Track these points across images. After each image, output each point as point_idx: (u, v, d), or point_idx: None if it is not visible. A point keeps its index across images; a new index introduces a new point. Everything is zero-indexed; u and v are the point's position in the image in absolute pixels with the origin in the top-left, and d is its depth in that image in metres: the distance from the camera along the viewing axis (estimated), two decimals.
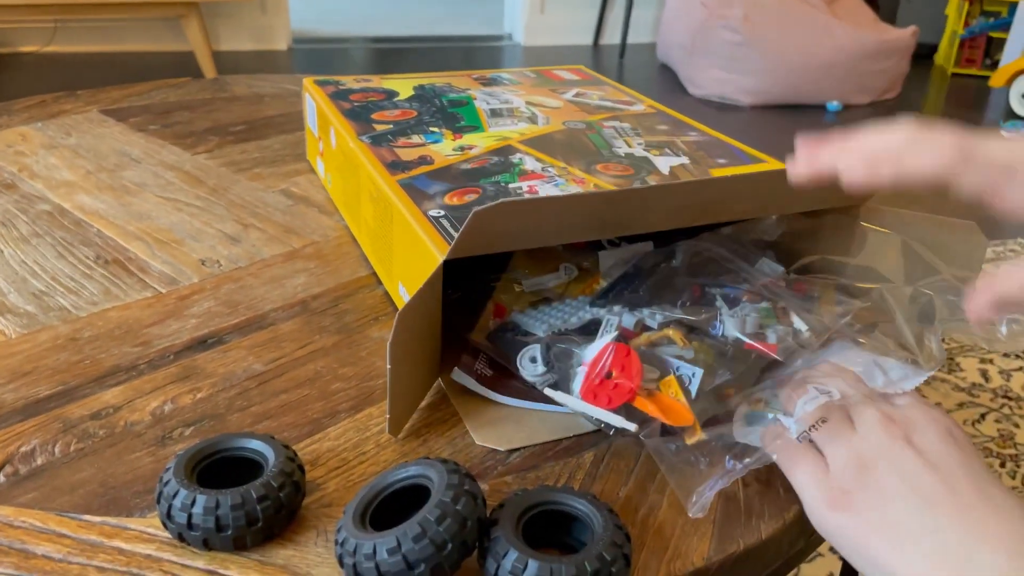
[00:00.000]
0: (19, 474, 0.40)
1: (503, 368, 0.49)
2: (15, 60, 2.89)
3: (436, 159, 0.60)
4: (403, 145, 0.62)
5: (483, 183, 0.55)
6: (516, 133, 0.65)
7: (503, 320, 0.51)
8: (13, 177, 0.72)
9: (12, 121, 0.86)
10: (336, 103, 0.70)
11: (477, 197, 0.53)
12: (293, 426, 0.44)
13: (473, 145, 0.62)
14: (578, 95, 0.76)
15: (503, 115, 0.69)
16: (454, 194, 0.54)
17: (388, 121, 0.66)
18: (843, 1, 2.92)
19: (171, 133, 0.84)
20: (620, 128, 0.67)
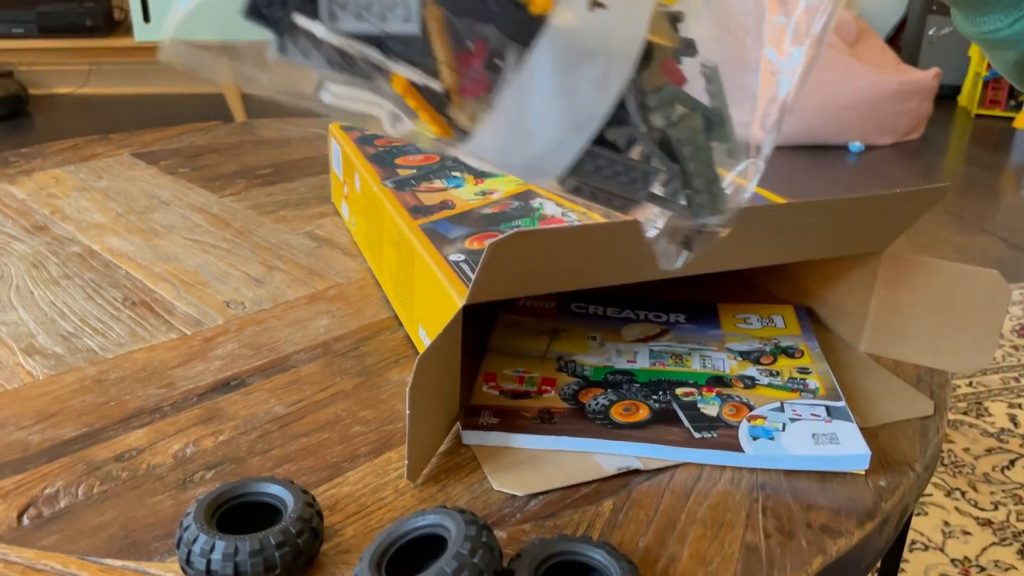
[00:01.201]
0: (42, 516, 0.40)
1: (509, 411, 0.49)
2: (51, 101, 2.97)
3: (458, 204, 0.60)
4: (425, 190, 0.63)
5: (503, 228, 0.56)
6: None
7: (496, 384, 0.52)
8: (46, 219, 0.74)
9: (46, 164, 0.88)
10: (361, 148, 0.71)
11: None
12: (312, 470, 0.44)
13: (494, 190, 0.63)
14: None
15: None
16: (475, 239, 0.54)
17: (412, 166, 0.67)
18: (865, 43, 2.93)
19: (200, 176, 0.86)
20: None
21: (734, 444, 0.46)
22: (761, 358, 0.54)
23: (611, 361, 0.54)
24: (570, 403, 0.50)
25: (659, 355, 0.55)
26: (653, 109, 0.32)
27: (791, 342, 0.56)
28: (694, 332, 0.58)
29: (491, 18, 0.27)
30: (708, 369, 0.53)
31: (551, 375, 0.53)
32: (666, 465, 0.45)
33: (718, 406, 0.49)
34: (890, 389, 0.53)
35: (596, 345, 0.56)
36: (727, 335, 0.57)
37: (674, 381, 0.52)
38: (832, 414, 0.48)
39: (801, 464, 0.45)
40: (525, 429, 0.47)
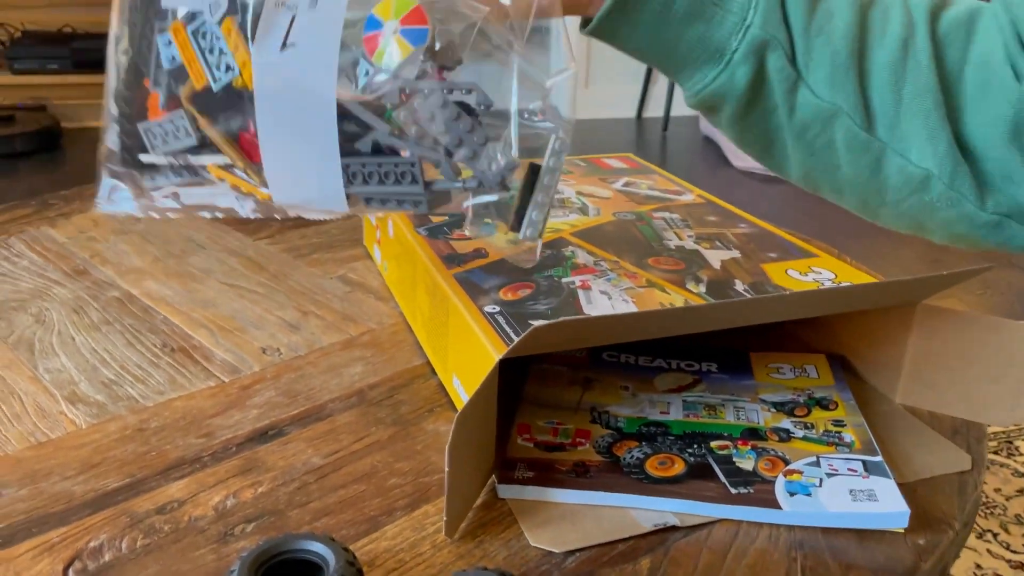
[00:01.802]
0: (88, 571, 0.41)
1: (545, 464, 0.49)
2: (83, 134, 3.03)
3: (490, 252, 0.61)
4: (458, 237, 0.63)
5: (536, 277, 0.57)
6: (567, 224, 0.66)
7: (530, 436, 0.52)
8: (85, 263, 0.76)
9: (84, 206, 0.90)
10: None
11: (531, 292, 0.55)
12: (351, 523, 0.45)
13: None
14: (627, 184, 0.77)
15: (554, 205, 0.70)
16: (508, 289, 0.55)
17: (449, 212, 0.68)
18: None
19: (233, 219, 0.87)
20: (670, 219, 0.68)
21: (771, 500, 0.45)
22: (795, 410, 0.54)
23: (644, 412, 0.54)
24: (605, 456, 0.50)
25: (693, 406, 0.55)
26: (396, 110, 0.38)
27: (825, 393, 0.56)
28: (727, 382, 0.58)
29: (227, 106, 0.37)
30: (742, 421, 0.53)
31: (585, 426, 0.53)
32: (703, 521, 0.45)
33: (754, 460, 0.49)
34: (926, 443, 0.53)
35: (629, 395, 0.56)
36: (760, 385, 0.57)
37: (709, 433, 0.52)
38: (869, 469, 0.48)
39: (839, 522, 0.45)
40: (561, 483, 0.47)
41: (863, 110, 0.48)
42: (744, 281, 0.56)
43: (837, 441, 0.51)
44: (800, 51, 0.48)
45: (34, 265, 0.75)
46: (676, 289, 0.55)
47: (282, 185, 0.36)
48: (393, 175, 0.37)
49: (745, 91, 0.49)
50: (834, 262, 0.60)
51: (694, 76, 0.50)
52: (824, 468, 0.48)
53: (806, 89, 0.48)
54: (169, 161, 0.38)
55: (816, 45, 0.48)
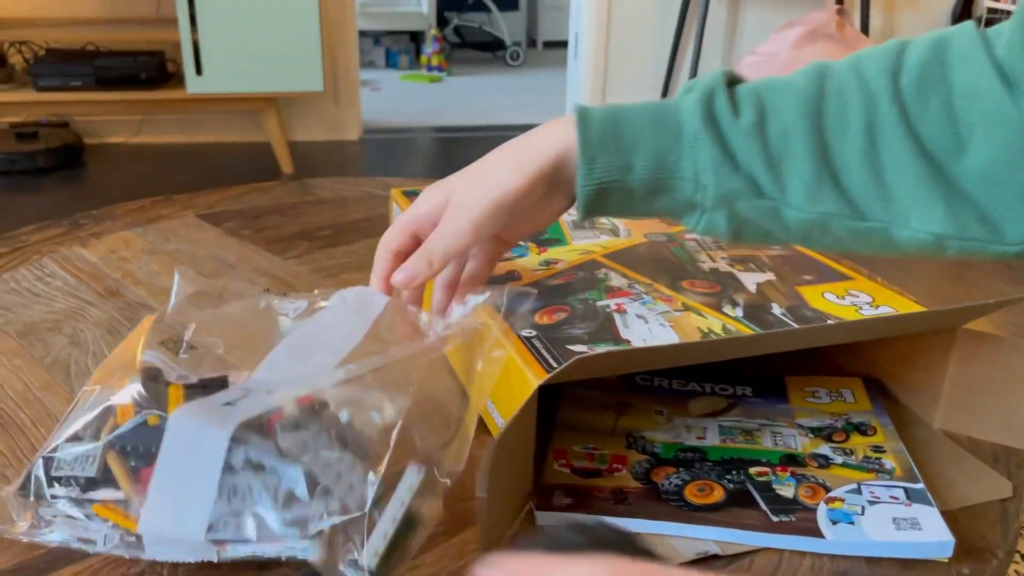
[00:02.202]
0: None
1: (582, 491, 0.49)
2: (104, 150, 3.06)
3: (524, 274, 0.61)
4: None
5: (571, 300, 0.57)
6: (599, 246, 0.66)
7: (566, 461, 0.52)
8: (118, 284, 0.76)
9: (115, 226, 0.91)
10: None
11: (566, 316, 0.55)
12: None
13: (558, 259, 0.64)
14: None
15: (584, 227, 0.70)
16: (544, 313, 0.55)
17: None
18: None
19: (263, 238, 0.88)
20: (702, 241, 0.68)
21: (813, 529, 0.45)
22: (833, 435, 0.54)
23: (680, 437, 0.54)
24: (643, 482, 0.49)
25: (729, 431, 0.54)
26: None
27: (863, 418, 0.56)
28: (762, 406, 0.58)
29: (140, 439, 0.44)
30: (780, 447, 0.53)
31: (621, 452, 0.53)
32: (744, 550, 0.45)
33: (794, 487, 0.49)
34: (967, 470, 0.52)
35: (663, 420, 0.56)
36: (796, 410, 0.57)
37: (747, 459, 0.51)
38: (911, 497, 0.47)
39: (884, 551, 0.44)
40: (600, 510, 0.47)
41: (851, 207, 0.47)
42: (781, 305, 0.56)
43: (877, 468, 0.50)
44: (766, 183, 0.47)
45: (67, 285, 0.76)
46: (713, 313, 0.54)
47: (154, 518, 0.42)
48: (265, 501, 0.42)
49: (731, 226, 0.49)
50: (870, 284, 0.60)
51: (683, 221, 0.51)
52: (865, 496, 0.48)
53: (789, 209, 0.48)
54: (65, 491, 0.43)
55: (782, 172, 0.47)
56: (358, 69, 3.27)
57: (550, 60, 5.17)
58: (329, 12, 3.11)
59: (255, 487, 0.42)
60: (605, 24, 3.43)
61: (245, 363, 0.51)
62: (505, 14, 5.14)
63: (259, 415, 0.45)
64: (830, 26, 2.98)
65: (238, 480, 0.42)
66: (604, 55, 3.47)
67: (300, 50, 2.66)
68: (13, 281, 0.76)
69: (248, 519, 0.41)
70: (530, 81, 4.62)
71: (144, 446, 0.43)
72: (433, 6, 4.87)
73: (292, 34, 2.64)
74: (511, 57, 5.03)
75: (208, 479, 0.41)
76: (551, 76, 4.68)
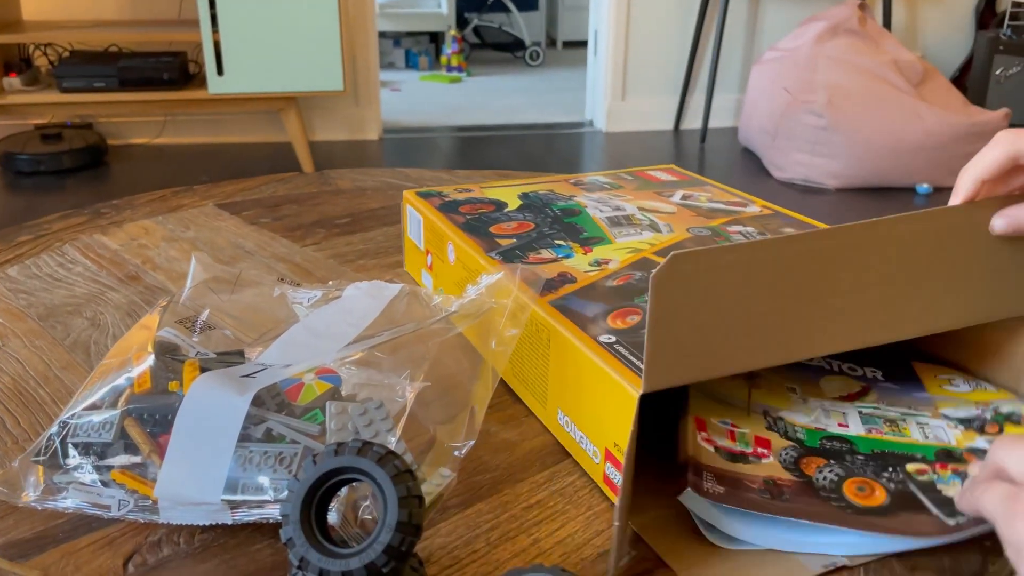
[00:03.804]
0: (147, 564, 0.41)
1: (732, 479, 0.44)
2: (127, 150, 3.09)
3: (577, 276, 0.57)
4: (535, 261, 0.60)
5: (638, 303, 0.53)
6: (646, 244, 0.63)
7: (707, 435, 0.47)
8: (137, 269, 0.77)
9: (135, 215, 0.92)
10: (448, 216, 0.69)
11: (640, 319, 0.51)
12: None
13: (608, 259, 0.60)
14: (686, 198, 0.74)
15: (622, 224, 0.67)
16: (616, 316, 0.52)
17: (508, 235, 0.65)
18: (930, 84, 2.89)
19: (281, 226, 0.88)
20: (746, 232, 0.65)
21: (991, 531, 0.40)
22: (985, 427, 0.49)
23: (821, 422, 0.50)
24: (794, 473, 0.45)
25: (872, 420, 0.50)
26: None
27: (1011, 407, 0.51)
28: (899, 393, 0.53)
29: (156, 407, 0.44)
30: (931, 440, 0.48)
31: (762, 433, 0.48)
32: (871, 559, 0.42)
33: (959, 486, 0.44)
34: None
35: (799, 400, 0.52)
36: (937, 399, 0.52)
37: (900, 454, 0.47)
38: None
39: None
40: (754, 505, 0.43)
41: None
42: None
43: None
44: None
45: (88, 271, 0.77)
46: None
47: (173, 480, 0.42)
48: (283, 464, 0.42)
49: None
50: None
51: None
52: None
53: None
54: (78, 459, 0.44)
55: None
56: (378, 69, 3.28)
57: (570, 59, 5.16)
58: (349, 13, 3.12)
59: (271, 453, 0.42)
60: (625, 23, 3.42)
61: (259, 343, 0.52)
62: (524, 14, 5.15)
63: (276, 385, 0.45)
64: (852, 21, 2.95)
65: (254, 447, 0.42)
66: (624, 54, 3.47)
67: (320, 50, 2.68)
68: (35, 267, 0.77)
69: (264, 482, 0.41)
70: (550, 81, 4.62)
71: (161, 413, 0.44)
72: (453, 7, 4.88)
73: (312, 34, 2.66)
74: (531, 57, 5.03)
75: (226, 443, 0.42)
76: (571, 75, 4.67)
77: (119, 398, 0.46)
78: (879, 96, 2.76)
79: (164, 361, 0.48)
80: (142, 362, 0.48)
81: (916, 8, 3.75)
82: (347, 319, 0.52)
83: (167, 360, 0.48)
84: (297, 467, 0.41)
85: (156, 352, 0.48)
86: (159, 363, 0.48)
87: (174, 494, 0.41)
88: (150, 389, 0.46)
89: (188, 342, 0.51)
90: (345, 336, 0.50)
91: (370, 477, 0.36)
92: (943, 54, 3.84)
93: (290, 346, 0.50)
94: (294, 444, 0.42)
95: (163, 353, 0.49)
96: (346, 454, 0.37)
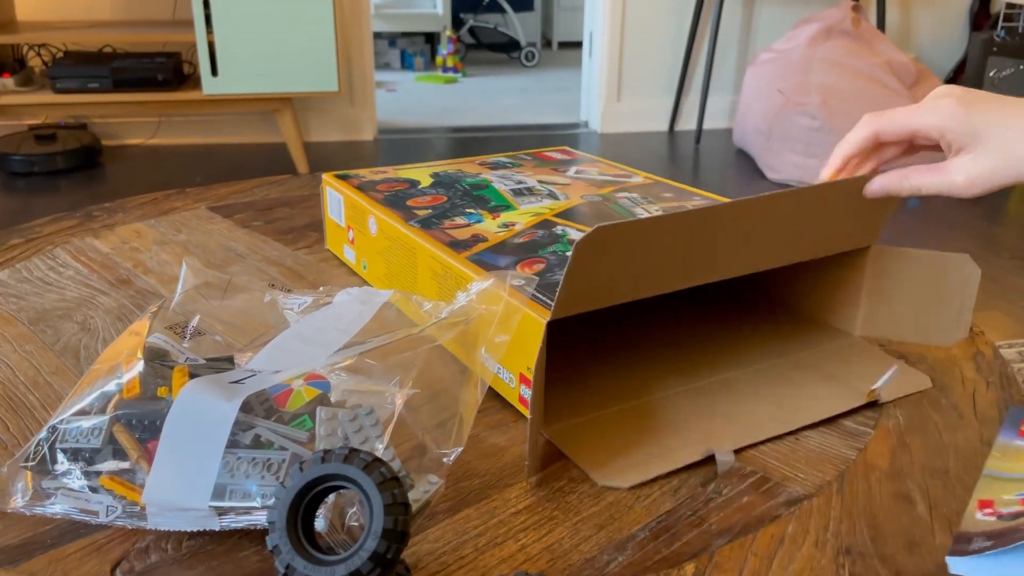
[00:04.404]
0: (135, 570, 0.41)
1: (1002, 531, 0.43)
2: (122, 151, 3.09)
3: (488, 237, 0.65)
4: (451, 227, 0.67)
5: (542, 254, 0.61)
6: (546, 209, 0.72)
7: (993, 510, 0.46)
8: (128, 273, 0.77)
9: (127, 218, 0.91)
10: (367, 195, 0.75)
11: (545, 266, 0.59)
12: None
13: (514, 222, 0.68)
14: (579, 172, 0.83)
15: (524, 194, 0.76)
16: (524, 265, 0.59)
17: (425, 207, 0.72)
18: (924, 86, 2.90)
19: (273, 229, 0.88)
20: (631, 198, 0.74)
21: None
22: None
23: None
24: None
25: None
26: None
27: None
28: None
29: (145, 413, 0.44)
30: None
31: None
32: None
33: None
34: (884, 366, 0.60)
35: None
36: None
37: None
38: None
39: None
40: None
41: None
42: None
43: None
44: None
45: (79, 275, 0.77)
46: None
47: (161, 484, 0.42)
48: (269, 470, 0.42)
49: None
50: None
51: None
52: None
53: None
54: (66, 465, 0.44)
55: None
56: (373, 70, 3.28)
57: (565, 60, 5.17)
58: (344, 13, 3.12)
59: (259, 459, 0.42)
60: (620, 24, 3.42)
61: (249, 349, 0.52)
62: (520, 15, 5.15)
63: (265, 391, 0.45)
64: (846, 23, 2.96)
65: (242, 453, 0.42)
66: (619, 55, 3.47)
67: (315, 51, 2.68)
68: (26, 271, 0.77)
69: (252, 488, 0.41)
70: (545, 81, 4.62)
71: (150, 419, 0.44)
72: (448, 7, 4.88)
73: (307, 35, 2.65)
74: (526, 58, 5.03)
75: (214, 449, 0.42)
76: (566, 76, 4.67)
77: (108, 404, 0.46)
78: (873, 98, 2.76)
79: (153, 367, 0.48)
80: (131, 368, 0.48)
81: (910, 9, 3.76)
82: (337, 325, 0.52)
83: (156, 366, 0.48)
84: (285, 474, 0.41)
85: (145, 358, 0.48)
86: (148, 369, 0.48)
87: (162, 500, 0.41)
88: (139, 395, 0.46)
89: (178, 348, 0.51)
90: (335, 342, 0.50)
91: (356, 484, 0.36)
92: (937, 55, 3.85)
93: (280, 352, 0.50)
94: (282, 451, 0.42)
95: (152, 359, 0.49)
96: (333, 461, 0.37)
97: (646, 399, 0.57)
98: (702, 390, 0.58)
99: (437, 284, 0.63)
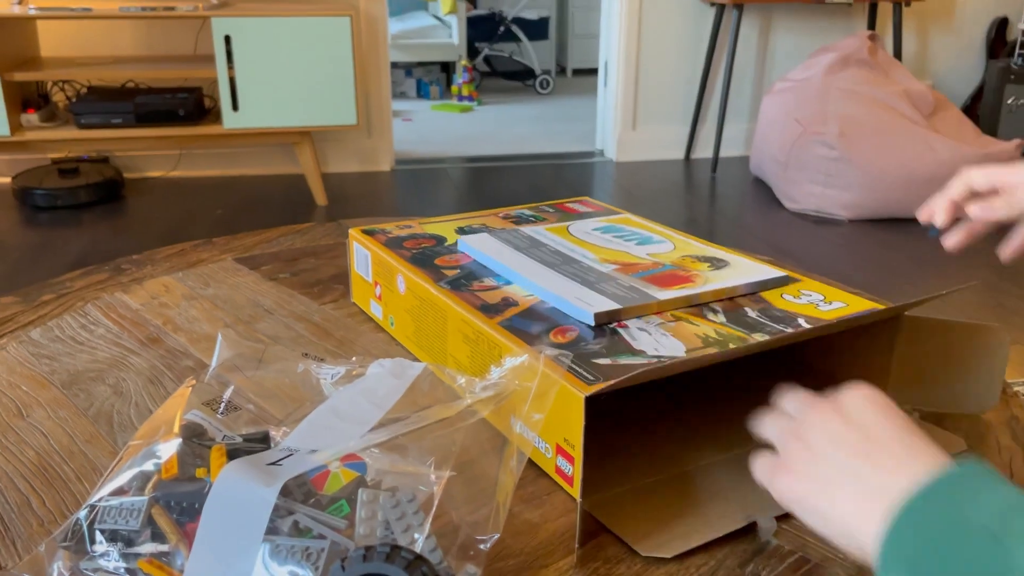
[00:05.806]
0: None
1: None
2: (143, 184, 3.12)
3: (519, 301, 0.66)
4: (479, 289, 0.67)
5: (572, 323, 0.62)
6: None
7: None
8: (159, 331, 0.78)
9: (156, 271, 0.92)
10: (395, 251, 0.75)
11: (578, 334, 0.60)
12: None
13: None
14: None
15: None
16: (557, 332, 0.60)
17: (452, 266, 0.72)
18: (942, 115, 2.89)
19: (299, 282, 0.89)
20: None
21: None
22: None
23: None
24: None
25: None
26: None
27: None
28: None
29: (184, 494, 0.44)
30: None
31: None
32: None
33: None
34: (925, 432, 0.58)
35: None
36: None
37: None
38: None
39: None
40: None
41: None
42: (753, 309, 0.63)
43: None
44: None
45: (110, 333, 0.77)
46: (701, 320, 0.61)
47: (199, 570, 0.42)
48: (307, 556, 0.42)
49: None
50: (816, 284, 0.68)
51: None
52: None
53: None
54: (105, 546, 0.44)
55: None
56: (390, 101, 3.31)
57: (580, 87, 5.19)
58: (362, 45, 3.16)
59: (298, 548, 0.42)
60: (635, 51, 3.44)
61: (285, 424, 0.52)
62: (535, 43, 5.18)
63: (303, 475, 0.45)
64: (862, 52, 2.96)
65: (282, 540, 0.42)
66: (635, 82, 3.48)
67: (334, 85, 2.71)
68: (58, 329, 0.78)
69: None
70: (560, 109, 4.65)
71: (188, 501, 0.44)
72: (464, 37, 4.92)
73: (326, 70, 2.68)
74: (541, 85, 5.06)
75: (254, 536, 0.42)
76: (581, 103, 4.70)
77: (147, 484, 0.46)
78: (891, 127, 2.76)
79: (190, 445, 0.48)
80: (168, 445, 0.48)
81: (926, 37, 3.76)
82: (371, 399, 0.53)
83: (193, 444, 0.48)
84: (325, 566, 0.41)
85: (183, 436, 0.49)
86: (185, 448, 0.48)
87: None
88: (177, 475, 0.47)
89: (214, 425, 0.52)
90: (370, 417, 0.51)
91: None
92: (954, 83, 3.84)
93: (315, 428, 0.50)
94: (321, 539, 0.42)
95: (189, 436, 0.49)
96: (375, 560, 0.37)
97: (684, 469, 0.57)
98: (741, 459, 0.58)
99: (469, 348, 0.63)
